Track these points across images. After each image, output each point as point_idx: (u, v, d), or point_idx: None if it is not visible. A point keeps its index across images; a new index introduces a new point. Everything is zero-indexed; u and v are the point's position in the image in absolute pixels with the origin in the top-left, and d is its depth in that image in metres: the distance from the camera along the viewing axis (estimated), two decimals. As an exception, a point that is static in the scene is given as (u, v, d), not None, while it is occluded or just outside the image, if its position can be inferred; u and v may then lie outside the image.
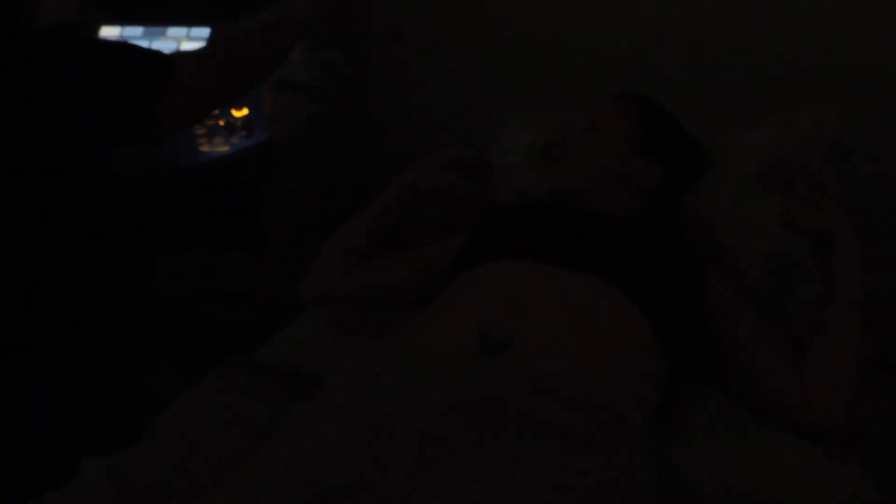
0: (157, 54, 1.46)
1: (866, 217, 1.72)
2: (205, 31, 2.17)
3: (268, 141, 1.89)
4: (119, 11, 2.23)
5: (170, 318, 2.05)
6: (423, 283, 1.65)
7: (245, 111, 1.96)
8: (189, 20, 2.20)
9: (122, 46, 1.48)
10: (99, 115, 1.39)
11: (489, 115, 2.14)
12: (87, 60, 1.39)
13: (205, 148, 1.89)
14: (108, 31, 2.19)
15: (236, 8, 2.24)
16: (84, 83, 1.38)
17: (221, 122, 1.94)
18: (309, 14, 1.60)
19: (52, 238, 1.44)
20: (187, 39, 2.16)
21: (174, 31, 2.18)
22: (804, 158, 1.77)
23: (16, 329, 1.44)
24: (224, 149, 1.89)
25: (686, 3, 2.20)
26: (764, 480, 1.35)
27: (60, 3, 1.85)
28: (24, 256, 1.42)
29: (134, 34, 2.19)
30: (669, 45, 2.23)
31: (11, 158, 1.37)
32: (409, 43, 2.45)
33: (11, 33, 1.40)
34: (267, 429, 1.31)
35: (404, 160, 1.84)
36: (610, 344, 1.35)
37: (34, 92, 1.36)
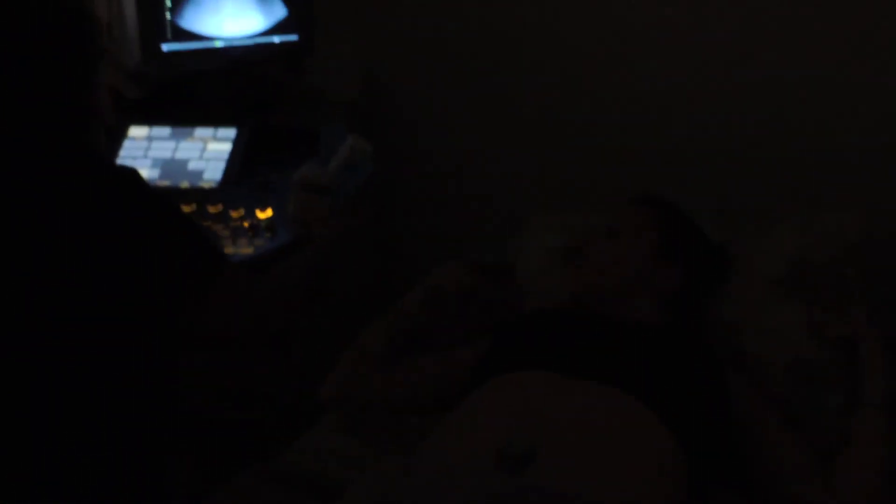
0: (213, 251, 1.48)
1: (891, 320, 1.71)
2: (231, 132, 2.20)
3: (292, 243, 1.90)
4: (147, 112, 2.27)
5: (190, 417, 2.04)
6: (444, 388, 1.65)
7: (269, 213, 1.98)
8: (215, 121, 2.23)
9: (185, 226, 1.48)
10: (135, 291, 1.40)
11: (511, 217, 2.15)
12: (145, 230, 1.41)
13: (229, 250, 1.90)
14: (136, 132, 2.23)
15: (261, 109, 2.29)
16: (135, 252, 1.39)
17: (246, 224, 1.96)
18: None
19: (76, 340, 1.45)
20: (214, 140, 2.20)
21: (201, 131, 2.22)
22: (827, 263, 1.76)
23: (34, 421, 1.43)
24: (248, 251, 1.90)
25: (705, 99, 2.22)
26: None
27: None
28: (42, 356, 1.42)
29: (161, 134, 2.22)
30: (689, 141, 2.25)
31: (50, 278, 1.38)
32: (433, 143, 2.48)
33: (80, 171, 1.42)
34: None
35: (427, 263, 1.85)
36: (631, 458, 1.33)
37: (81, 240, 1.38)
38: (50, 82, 1.42)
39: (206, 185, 2.10)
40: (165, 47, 2.20)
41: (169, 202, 1.49)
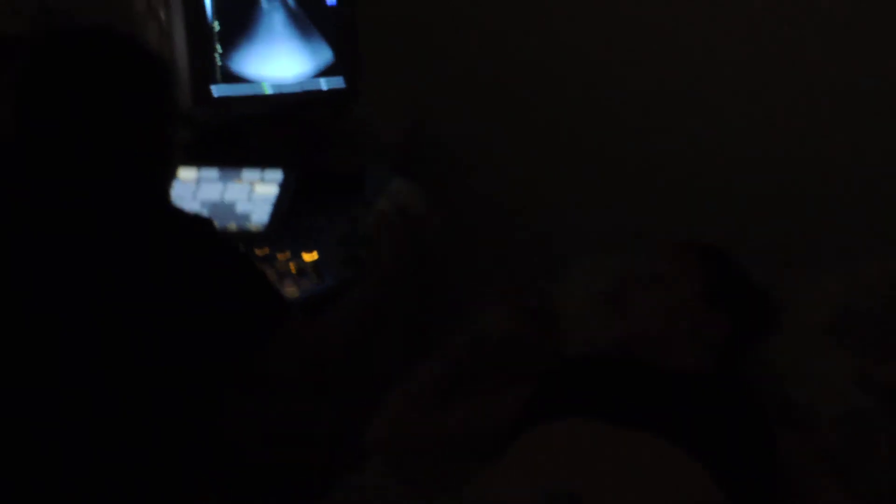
0: (279, 300, 1.51)
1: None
2: (277, 175, 2.23)
3: (338, 285, 1.92)
4: (196, 154, 2.31)
5: (236, 458, 2.05)
6: (488, 433, 1.64)
7: (315, 255, 2.00)
8: (262, 162, 2.26)
9: (254, 275, 1.52)
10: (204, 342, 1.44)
11: (556, 260, 2.15)
12: (213, 275, 1.45)
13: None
14: (185, 174, 2.26)
15: (307, 152, 2.32)
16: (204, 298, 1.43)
17: (292, 266, 1.98)
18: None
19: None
20: (261, 182, 2.22)
21: (248, 173, 2.25)
22: (876, 310, 1.75)
23: (82, 452, 1.44)
24: (294, 293, 1.92)
25: (752, 145, 2.23)
26: None
27: None
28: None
29: (210, 176, 2.25)
30: (739, 185, 2.24)
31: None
32: (478, 185, 2.50)
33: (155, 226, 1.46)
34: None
35: (471, 305, 1.85)
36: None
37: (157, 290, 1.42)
38: (134, 131, 1.47)
39: (253, 227, 2.13)
40: (215, 90, 2.24)
41: (239, 251, 1.54)
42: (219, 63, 2.23)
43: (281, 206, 2.17)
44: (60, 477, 1.42)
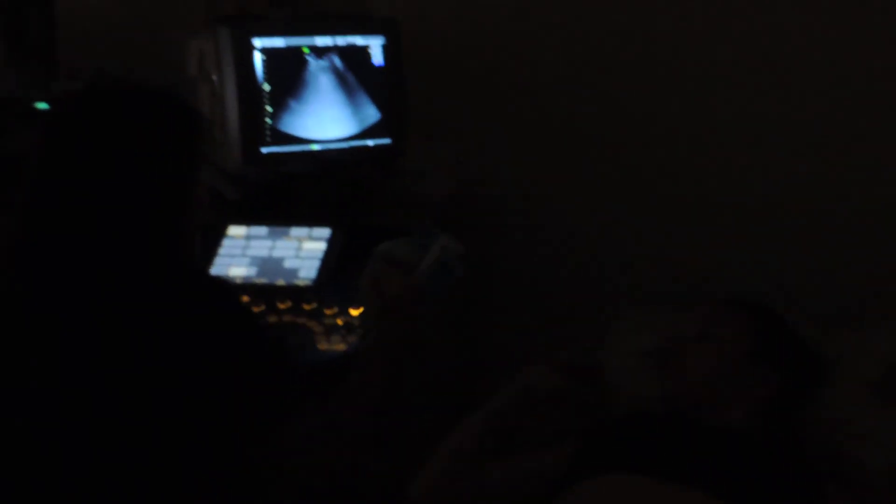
0: (292, 375, 1.49)
1: None
2: (325, 232, 2.26)
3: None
4: (246, 212, 2.35)
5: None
6: (534, 489, 1.64)
7: (362, 310, 2.02)
8: (311, 221, 2.29)
9: (266, 346, 1.48)
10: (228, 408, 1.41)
11: (601, 316, 2.16)
12: (237, 348, 1.42)
13: (322, 346, 1.94)
14: (235, 231, 2.30)
15: (354, 209, 2.35)
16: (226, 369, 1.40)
17: (339, 321, 2.00)
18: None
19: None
20: (309, 239, 2.26)
21: (296, 230, 2.28)
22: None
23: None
24: (341, 347, 1.94)
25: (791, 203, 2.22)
26: None
27: None
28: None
29: (259, 233, 2.29)
30: (783, 240, 2.24)
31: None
32: (523, 242, 2.51)
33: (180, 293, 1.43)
34: None
35: (516, 362, 1.86)
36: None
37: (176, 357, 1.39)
38: (155, 187, 1.44)
39: (301, 283, 2.16)
40: (265, 150, 2.28)
41: (252, 318, 1.51)
42: (269, 123, 2.28)
43: (329, 262, 2.19)
44: None
